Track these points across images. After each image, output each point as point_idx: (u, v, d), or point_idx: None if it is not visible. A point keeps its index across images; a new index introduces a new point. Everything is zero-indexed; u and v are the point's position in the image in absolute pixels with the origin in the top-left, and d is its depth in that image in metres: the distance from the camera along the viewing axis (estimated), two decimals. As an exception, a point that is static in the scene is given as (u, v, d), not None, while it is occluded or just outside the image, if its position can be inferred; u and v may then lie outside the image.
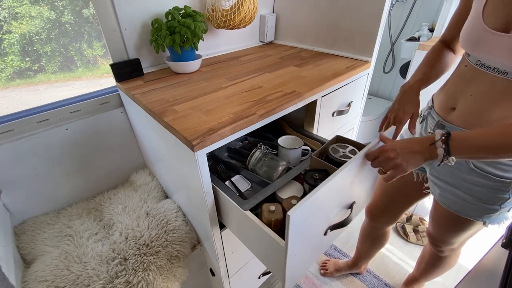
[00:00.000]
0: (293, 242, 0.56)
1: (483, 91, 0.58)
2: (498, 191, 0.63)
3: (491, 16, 0.55)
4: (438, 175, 0.73)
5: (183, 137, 0.64)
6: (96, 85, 1.11)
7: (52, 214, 1.05)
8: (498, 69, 0.55)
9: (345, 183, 0.66)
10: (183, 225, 1.00)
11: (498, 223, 0.69)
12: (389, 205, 0.98)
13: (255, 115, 0.74)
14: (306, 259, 0.71)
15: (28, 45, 0.96)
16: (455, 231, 0.78)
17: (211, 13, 1.08)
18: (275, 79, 0.97)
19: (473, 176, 0.65)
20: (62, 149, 1.01)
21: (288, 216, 0.50)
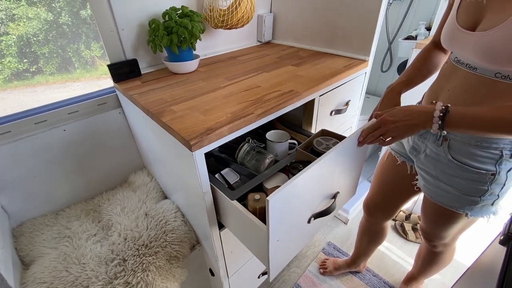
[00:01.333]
0: (275, 227, 0.59)
1: (457, 86, 0.61)
2: (476, 182, 0.65)
3: (463, 15, 0.60)
4: (422, 167, 0.75)
5: (181, 137, 0.64)
6: (94, 86, 1.11)
7: (51, 216, 1.04)
8: (469, 65, 0.59)
9: (326, 172, 0.68)
10: (182, 226, 1.00)
11: (482, 216, 0.70)
12: (385, 200, 0.99)
13: (253, 115, 0.74)
14: (291, 246, 0.73)
15: (26, 46, 0.96)
16: (442, 224, 0.79)
17: (208, 13, 1.08)
18: (273, 78, 0.97)
19: (452, 167, 0.67)
20: (60, 150, 1.01)
21: (267, 201, 0.53)
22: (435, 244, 0.90)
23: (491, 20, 0.53)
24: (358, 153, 0.80)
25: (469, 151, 0.63)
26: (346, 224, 1.64)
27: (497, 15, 0.52)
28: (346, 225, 1.64)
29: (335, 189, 0.78)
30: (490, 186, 0.64)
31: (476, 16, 0.57)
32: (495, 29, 0.51)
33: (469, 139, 0.62)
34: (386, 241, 1.53)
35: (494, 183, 0.64)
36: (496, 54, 0.52)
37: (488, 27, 0.53)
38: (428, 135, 0.71)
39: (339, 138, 0.83)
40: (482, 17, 0.56)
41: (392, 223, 1.63)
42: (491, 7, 0.54)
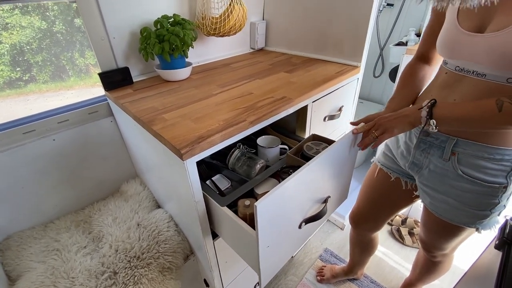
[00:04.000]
0: (264, 233, 0.59)
1: (466, 94, 0.59)
2: (487, 196, 0.63)
3: (465, 20, 0.57)
4: (427, 183, 0.73)
5: (171, 145, 0.63)
6: (88, 94, 1.09)
7: (39, 228, 1.01)
8: (477, 72, 0.56)
9: (315, 177, 0.69)
10: (175, 235, 0.98)
11: (491, 227, 0.69)
12: (373, 212, 0.97)
13: (245, 122, 0.73)
14: (282, 252, 0.72)
15: (19, 55, 0.95)
16: (447, 237, 0.78)
17: (200, 21, 1.08)
18: (266, 85, 0.97)
19: (461, 182, 0.65)
20: (49, 160, 0.99)
21: (255, 206, 0.53)
22: (435, 255, 0.89)
23: (502, 20, 0.50)
24: (348, 158, 0.80)
25: (480, 165, 0.61)
26: (343, 229, 1.63)
27: (505, 17, 0.49)
28: (342, 230, 1.62)
29: (326, 194, 0.77)
30: (500, 199, 0.63)
31: (482, 19, 0.54)
32: (504, 32, 0.48)
33: (481, 152, 0.60)
34: (383, 247, 1.52)
35: (505, 196, 0.63)
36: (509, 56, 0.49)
37: (500, 27, 0.50)
38: (432, 150, 0.69)
39: (330, 143, 0.83)
40: (490, 19, 0.53)
41: (389, 228, 1.62)
42: (501, 8, 0.51)
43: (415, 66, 0.76)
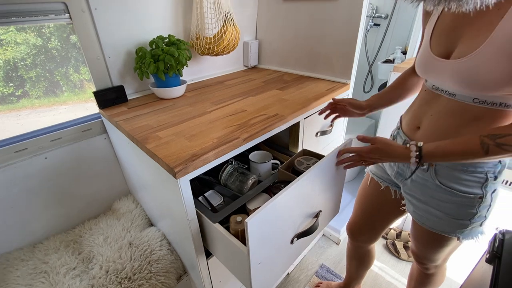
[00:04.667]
0: (255, 249, 0.59)
1: (440, 111, 0.63)
2: (465, 206, 0.65)
3: (436, 44, 0.62)
4: (410, 192, 0.76)
5: (165, 164, 0.64)
6: (82, 109, 1.09)
7: (27, 249, 0.98)
8: (449, 92, 0.61)
9: (306, 191, 0.70)
10: (168, 255, 0.96)
11: (473, 237, 0.71)
12: (369, 223, 0.98)
13: (238, 139, 0.74)
14: (274, 269, 0.72)
15: (12, 70, 0.95)
16: (434, 247, 0.79)
17: (195, 41, 1.12)
18: (259, 102, 0.99)
19: (440, 192, 0.67)
20: (40, 178, 0.97)
21: (246, 223, 0.53)
22: (427, 267, 0.89)
23: (464, 48, 0.55)
24: (338, 172, 0.81)
25: (456, 176, 0.64)
26: (338, 244, 1.61)
27: (470, 43, 0.54)
28: (338, 245, 1.61)
29: (317, 208, 0.78)
30: (478, 209, 0.65)
31: (449, 44, 0.59)
32: (469, 57, 0.53)
33: (455, 164, 0.63)
34: (379, 261, 1.51)
35: (482, 206, 0.65)
36: (472, 81, 0.54)
37: (462, 54, 0.55)
38: None
39: (320, 158, 0.84)
40: (455, 45, 0.58)
41: (384, 242, 1.61)
42: (463, 35, 0.56)
43: (409, 76, 0.81)
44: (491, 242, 0.71)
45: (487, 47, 0.51)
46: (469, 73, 0.54)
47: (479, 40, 0.52)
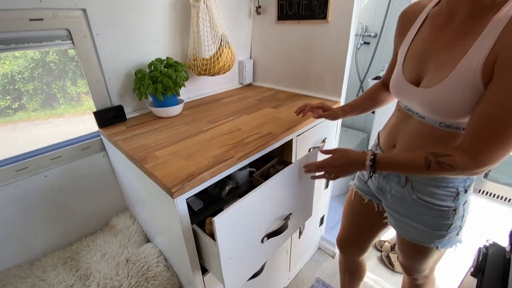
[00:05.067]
0: (225, 245, 0.66)
1: (412, 131, 0.69)
2: (440, 218, 0.70)
3: (408, 69, 0.67)
4: (391, 206, 0.80)
5: (163, 184, 0.67)
6: (79, 121, 1.09)
7: (25, 266, 0.99)
8: (419, 114, 0.66)
9: (274, 194, 0.77)
10: (164, 271, 0.98)
11: (451, 246, 0.75)
12: (356, 236, 1.02)
13: (233, 158, 0.78)
14: (246, 265, 0.78)
15: (10, 83, 0.95)
16: (417, 258, 0.82)
17: (192, 61, 1.17)
18: (253, 120, 1.04)
19: (417, 206, 0.72)
20: (39, 196, 1.00)
21: (213, 221, 0.61)
22: (416, 277, 0.92)
23: (431, 78, 0.61)
24: (305, 177, 0.87)
25: (430, 191, 0.69)
26: (334, 258, 1.63)
27: (436, 74, 0.59)
28: (333, 259, 1.62)
29: (287, 211, 0.86)
30: (453, 220, 0.70)
31: (419, 72, 0.64)
32: (435, 87, 0.58)
33: (429, 180, 0.68)
34: (374, 274, 1.52)
35: (456, 217, 0.70)
36: (438, 108, 0.60)
37: (429, 84, 0.60)
38: (391, 177, 0.77)
39: None
40: (424, 73, 0.63)
41: (379, 255, 1.63)
42: (431, 65, 0.62)
43: (379, 90, 0.88)
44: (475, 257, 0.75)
45: (451, 80, 0.56)
46: (435, 102, 0.59)
47: (444, 73, 0.57)
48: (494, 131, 0.51)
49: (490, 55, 0.50)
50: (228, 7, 1.31)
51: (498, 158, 0.53)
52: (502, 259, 0.70)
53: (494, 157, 0.52)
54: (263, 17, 1.39)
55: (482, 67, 0.51)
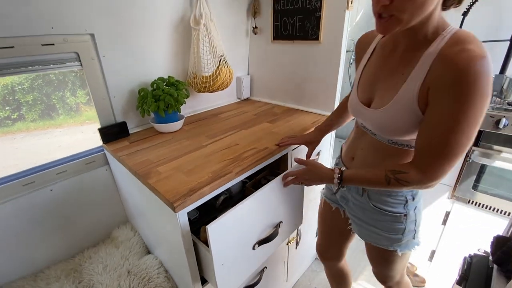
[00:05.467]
0: (217, 251, 0.71)
1: (367, 146, 0.77)
2: (395, 223, 0.78)
3: (361, 92, 0.76)
4: (353, 213, 0.88)
5: (165, 198, 0.71)
6: (77, 132, 1.10)
7: (29, 278, 1.02)
8: (371, 131, 0.74)
9: (264, 203, 0.83)
10: (165, 282, 1.01)
11: (410, 249, 0.82)
12: (331, 242, 1.09)
13: (231, 173, 0.83)
14: (238, 271, 0.83)
15: (10, 94, 0.96)
16: (384, 263, 0.88)
17: (192, 79, 1.23)
18: (251, 136, 1.09)
19: (375, 213, 0.80)
20: (44, 209, 1.03)
21: (207, 229, 0.66)
22: (390, 285, 0.97)
23: (378, 101, 0.69)
24: (294, 187, 0.93)
25: (383, 199, 0.77)
26: (330, 268, 1.65)
27: (382, 99, 0.68)
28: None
29: (278, 219, 0.91)
30: (406, 224, 0.77)
31: (370, 95, 0.73)
32: (381, 110, 0.67)
33: (381, 190, 0.76)
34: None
35: (408, 222, 0.77)
36: (383, 127, 0.68)
37: (377, 106, 0.69)
38: (351, 187, 0.84)
39: None
40: (374, 96, 0.72)
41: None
42: (378, 90, 0.70)
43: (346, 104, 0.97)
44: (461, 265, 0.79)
45: (393, 104, 0.64)
46: (381, 122, 0.68)
47: (388, 97, 0.65)
48: (439, 149, 0.57)
49: (423, 85, 0.58)
50: (227, 27, 1.38)
51: (446, 171, 0.59)
52: (485, 267, 0.75)
53: (442, 171, 0.59)
54: (260, 36, 1.47)
55: (417, 94, 0.59)
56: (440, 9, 0.57)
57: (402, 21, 0.54)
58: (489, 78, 0.51)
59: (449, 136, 0.55)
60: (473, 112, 0.52)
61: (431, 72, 0.57)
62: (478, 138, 1.20)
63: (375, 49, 0.76)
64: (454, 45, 0.54)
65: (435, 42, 0.58)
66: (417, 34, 0.60)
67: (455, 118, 0.53)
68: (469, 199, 1.29)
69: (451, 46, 0.55)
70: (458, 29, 0.57)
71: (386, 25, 0.56)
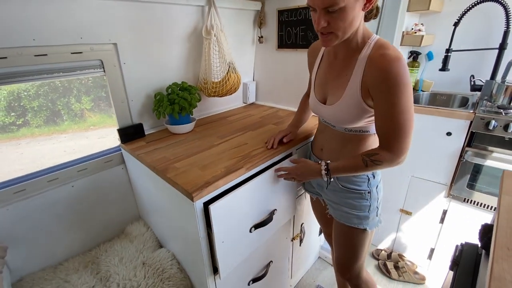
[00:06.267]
0: (218, 230, 0.81)
1: (331, 137, 0.91)
2: (361, 200, 0.89)
3: (317, 93, 0.91)
4: (328, 198, 0.98)
5: (184, 190, 0.79)
6: (82, 137, 1.14)
7: (49, 270, 1.08)
8: (331, 124, 0.89)
9: (261, 190, 0.94)
10: (178, 273, 1.07)
11: (376, 226, 0.93)
12: (326, 229, 1.23)
13: (242, 169, 0.91)
14: (236, 250, 0.92)
15: (15, 100, 0.99)
16: (348, 244, 0.97)
17: (203, 84, 1.33)
18: (258, 136, 1.17)
19: (344, 192, 0.91)
20: (66, 205, 1.11)
21: (209, 208, 0.76)
22: (350, 277, 1.04)
23: (331, 99, 0.84)
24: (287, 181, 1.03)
25: (350, 179, 0.88)
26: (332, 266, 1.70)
27: (333, 97, 0.83)
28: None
29: (272, 207, 1.02)
30: (370, 201, 0.89)
31: (324, 95, 0.88)
32: (334, 105, 0.82)
33: None
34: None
35: (372, 199, 0.89)
36: (338, 119, 0.83)
37: (331, 103, 0.84)
38: None
39: None
40: (327, 94, 0.86)
41: (376, 263, 1.71)
42: (330, 89, 0.85)
43: (304, 101, 1.14)
44: (453, 253, 0.86)
45: (342, 100, 0.80)
46: (336, 115, 0.83)
47: (338, 95, 0.81)
48: (393, 130, 0.72)
49: (362, 83, 0.74)
50: (235, 37, 1.49)
51: (406, 144, 0.73)
52: (475, 254, 0.82)
53: (403, 145, 0.73)
54: (265, 45, 1.57)
55: (360, 90, 0.75)
56: (363, 22, 0.75)
57: (338, 36, 0.71)
58: (405, 72, 0.67)
59: (395, 118, 0.70)
60: (403, 96, 0.68)
61: (366, 72, 0.73)
62: (471, 139, 1.28)
63: (323, 56, 0.91)
64: (377, 50, 0.72)
65: (364, 48, 0.75)
66: (350, 43, 0.76)
67: (394, 105, 0.69)
68: (464, 198, 1.36)
69: (375, 52, 0.72)
70: (379, 38, 0.75)
71: (327, 40, 0.72)
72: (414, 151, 1.43)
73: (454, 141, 1.31)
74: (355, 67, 0.76)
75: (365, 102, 0.76)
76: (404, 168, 1.50)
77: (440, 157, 1.38)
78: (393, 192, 1.59)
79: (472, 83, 1.48)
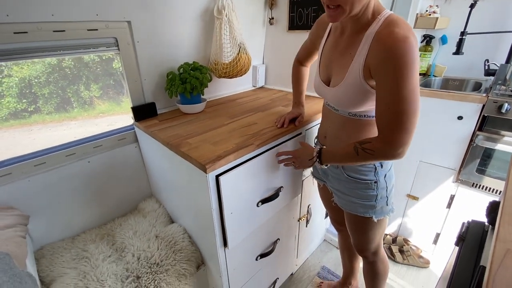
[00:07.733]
0: (227, 201, 0.85)
1: (334, 122, 0.87)
2: (367, 190, 0.85)
3: (322, 73, 0.86)
4: (333, 186, 0.97)
5: (198, 162, 0.82)
6: (91, 124, 1.18)
7: (68, 240, 1.14)
8: (334, 108, 0.84)
9: (268, 165, 0.97)
10: (189, 246, 1.12)
11: (384, 215, 0.90)
12: (333, 213, 1.21)
13: (253, 145, 0.93)
14: (243, 223, 0.96)
15: (27, 87, 1.00)
16: (361, 231, 0.96)
17: (213, 66, 1.34)
18: (268, 117, 1.19)
19: (349, 182, 0.88)
20: (83, 179, 1.16)
21: (219, 179, 0.80)
22: (366, 255, 1.05)
23: (335, 80, 0.79)
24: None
25: (356, 169, 0.85)
26: (338, 248, 1.74)
27: (337, 77, 0.78)
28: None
29: (279, 184, 1.05)
30: (377, 191, 0.85)
31: (328, 75, 0.83)
32: (337, 87, 0.77)
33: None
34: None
35: (379, 188, 0.85)
36: (341, 102, 0.78)
37: (334, 84, 0.79)
38: None
39: None
40: (331, 75, 0.82)
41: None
42: (334, 69, 0.80)
43: (297, 69, 1.11)
44: (459, 229, 0.87)
45: (345, 81, 0.75)
46: (339, 97, 0.78)
47: (342, 75, 0.76)
48: (391, 119, 0.65)
49: (366, 61, 0.68)
50: (245, 18, 1.48)
51: (403, 138, 0.65)
52: (481, 230, 0.83)
53: (400, 138, 0.65)
54: (275, 27, 1.56)
55: (362, 70, 0.69)
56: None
57: (345, 10, 0.64)
58: (413, 54, 0.60)
59: (395, 106, 0.63)
60: (407, 82, 0.61)
61: (371, 50, 0.67)
62: (483, 124, 1.27)
63: (330, 32, 0.85)
64: (385, 27, 0.65)
65: (373, 24, 0.68)
66: (359, 19, 0.70)
67: (395, 90, 0.62)
68: (473, 182, 1.36)
69: (384, 29, 0.65)
70: (391, 14, 0.67)
71: (334, 15, 0.66)
72: (422, 136, 1.42)
73: (465, 125, 1.30)
74: (360, 45, 0.69)
75: (367, 83, 0.70)
76: (412, 153, 1.50)
77: (449, 142, 1.37)
78: (401, 178, 1.59)
79: (487, 67, 1.45)
